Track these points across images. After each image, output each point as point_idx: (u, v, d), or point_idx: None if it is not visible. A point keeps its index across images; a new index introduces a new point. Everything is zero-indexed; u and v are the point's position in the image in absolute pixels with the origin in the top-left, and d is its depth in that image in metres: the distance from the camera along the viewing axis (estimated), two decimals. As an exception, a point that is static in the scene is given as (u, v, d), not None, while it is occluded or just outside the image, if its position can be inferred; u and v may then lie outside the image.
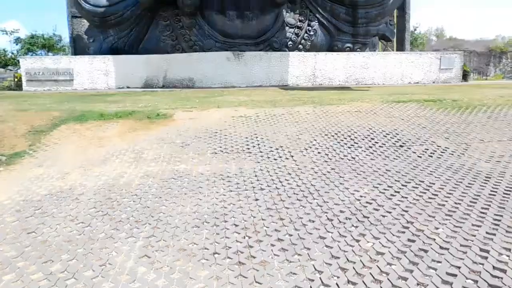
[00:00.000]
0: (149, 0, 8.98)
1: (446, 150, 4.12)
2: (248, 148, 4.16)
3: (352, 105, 5.98)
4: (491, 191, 2.95)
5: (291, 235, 2.26)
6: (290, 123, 4.98)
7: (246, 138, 4.49)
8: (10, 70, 19.80)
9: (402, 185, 3.15)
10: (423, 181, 3.22)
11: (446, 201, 2.75)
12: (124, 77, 9.22)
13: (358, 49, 10.36)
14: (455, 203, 2.70)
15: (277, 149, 4.13)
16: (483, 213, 2.51)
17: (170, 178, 3.40)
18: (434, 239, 2.14)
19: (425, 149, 4.16)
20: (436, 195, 2.88)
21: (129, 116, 5.38)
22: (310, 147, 4.18)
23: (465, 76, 11.41)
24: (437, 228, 2.28)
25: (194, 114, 5.48)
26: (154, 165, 3.74)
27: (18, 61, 12.69)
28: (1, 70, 20.44)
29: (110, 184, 3.31)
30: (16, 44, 22.70)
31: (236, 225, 2.44)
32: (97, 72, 9.24)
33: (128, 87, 9.22)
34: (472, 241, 2.11)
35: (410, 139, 4.44)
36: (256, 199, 2.87)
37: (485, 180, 3.25)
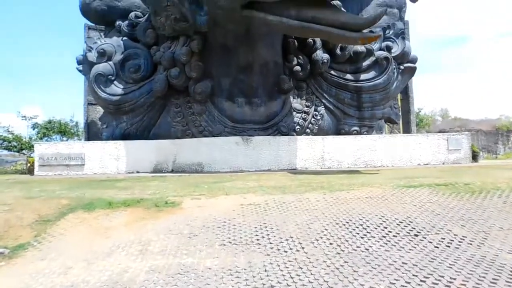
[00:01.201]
0: (163, 88, 9.43)
1: (464, 239, 3.93)
2: (258, 239, 4.03)
3: (363, 190, 5.90)
4: (518, 287, 2.74)
5: None
6: (300, 211, 4.88)
7: (255, 228, 4.37)
8: (24, 154, 20.38)
9: (421, 280, 2.95)
10: (443, 276, 3.02)
11: (471, 300, 2.55)
12: (134, 162, 9.38)
13: (365, 132, 10.54)
14: (481, 302, 2.50)
15: (287, 239, 3.99)
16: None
17: (176, 273, 3.24)
18: None
19: (442, 238, 3.98)
20: (459, 292, 2.68)
21: (137, 204, 5.33)
22: (321, 237, 4.03)
23: (474, 157, 11.39)
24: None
25: (202, 201, 5.43)
26: (160, 258, 3.60)
27: (33, 145, 13.06)
28: (15, 154, 21.06)
29: (114, 280, 3.16)
30: (33, 129, 23.71)
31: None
32: (108, 157, 9.43)
33: (138, 172, 9.32)
34: None
35: (424, 228, 4.28)
36: (266, 298, 2.69)
37: (511, 274, 3.05)
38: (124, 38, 10.27)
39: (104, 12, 10.81)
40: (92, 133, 12.47)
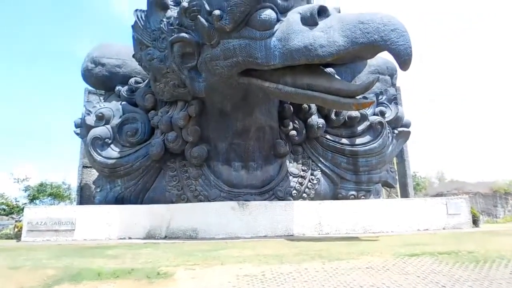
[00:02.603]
0: (159, 152, 9.42)
1: (473, 315, 3.70)
2: (254, 315, 3.77)
3: (362, 259, 5.65)
4: None
5: None
6: (298, 283, 4.62)
7: (252, 301, 4.11)
8: (13, 218, 19.93)
9: None
10: None
11: None
12: (126, 227, 9.08)
13: (362, 197, 10.42)
14: None
15: (285, 315, 3.73)
16: None
17: None
18: None
19: (450, 313, 3.74)
20: None
21: (128, 276, 5.04)
22: (322, 312, 3.78)
23: (475, 221, 11.16)
24: None
25: (196, 272, 5.15)
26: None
27: (22, 209, 12.75)
28: (3, 217, 20.58)
29: None
30: (25, 192, 23.41)
31: None
32: (100, 222, 9.13)
33: (130, 238, 8.98)
34: None
35: (431, 301, 4.04)
36: None
37: None
38: (123, 102, 10.44)
39: (105, 77, 11.10)
40: (85, 196, 12.24)
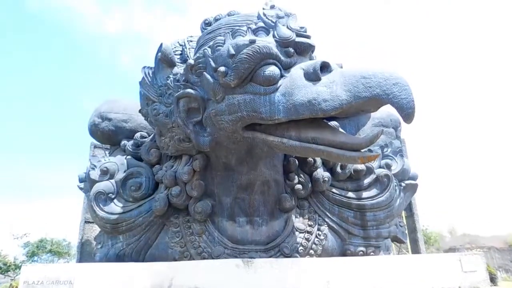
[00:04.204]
0: (162, 207, 9.24)
1: None
2: None
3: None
4: None
5: None
6: None
7: None
8: (9, 276, 19.38)
9: None
10: None
11: None
12: (126, 286, 8.72)
13: (371, 253, 9.98)
14: None
15: None
16: None
17: None
18: None
19: None
20: None
21: None
22: None
23: (492, 279, 10.63)
24: None
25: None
26: None
27: (20, 266, 12.44)
28: (0, 276, 20.03)
29: None
30: (24, 249, 23.07)
31: None
32: (99, 281, 8.71)
33: (130, 297, 8.62)
34: None
35: None
36: None
37: None
38: (128, 156, 10.44)
39: (111, 132, 11.17)
40: (85, 253, 11.93)
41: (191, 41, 9.44)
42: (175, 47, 9.74)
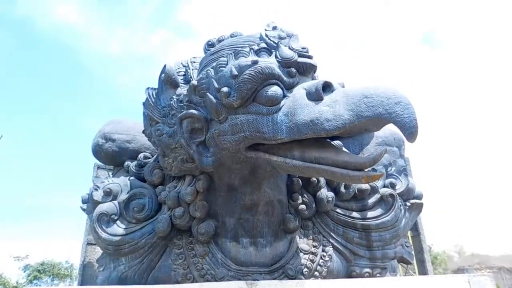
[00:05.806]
0: (165, 228, 9.13)
1: None
2: None
3: None
4: None
5: None
6: None
7: None
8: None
9: None
10: None
11: None
12: (128, 311, 8.57)
13: (377, 274, 9.76)
14: None
15: None
16: None
17: None
18: None
19: None
20: None
21: None
22: None
23: (502, 301, 10.39)
24: None
25: None
26: None
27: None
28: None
29: None
30: (24, 271, 22.84)
31: None
32: (101, 304, 8.66)
33: (131, 324, 8.44)
34: None
35: None
36: None
37: None
38: (131, 177, 10.42)
39: (115, 153, 11.17)
40: (87, 275, 11.76)
41: (194, 62, 9.55)
42: (178, 68, 9.84)
